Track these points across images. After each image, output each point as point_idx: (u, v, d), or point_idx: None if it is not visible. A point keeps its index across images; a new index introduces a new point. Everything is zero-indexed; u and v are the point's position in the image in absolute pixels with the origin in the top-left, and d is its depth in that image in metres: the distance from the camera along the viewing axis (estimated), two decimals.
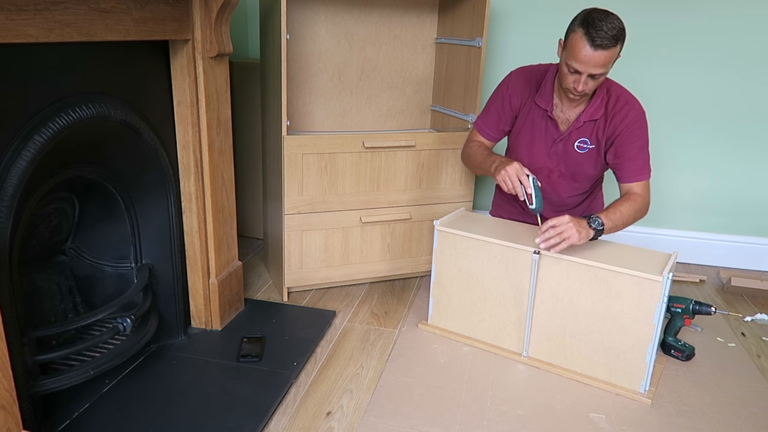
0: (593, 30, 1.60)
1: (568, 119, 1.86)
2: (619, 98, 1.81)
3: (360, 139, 2.13)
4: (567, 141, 1.87)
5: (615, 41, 1.61)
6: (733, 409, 1.66)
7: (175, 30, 1.60)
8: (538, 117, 1.89)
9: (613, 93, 1.82)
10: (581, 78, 1.68)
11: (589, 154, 1.87)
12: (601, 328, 1.70)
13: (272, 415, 1.57)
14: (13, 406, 1.21)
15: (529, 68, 1.94)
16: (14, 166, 1.20)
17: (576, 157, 1.89)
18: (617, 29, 1.61)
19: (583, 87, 1.69)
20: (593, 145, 1.85)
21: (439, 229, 1.92)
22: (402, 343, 1.95)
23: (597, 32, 1.59)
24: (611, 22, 1.61)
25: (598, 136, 1.84)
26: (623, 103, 1.80)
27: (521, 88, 1.91)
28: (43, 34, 1.16)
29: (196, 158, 1.79)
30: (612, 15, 1.63)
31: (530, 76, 1.91)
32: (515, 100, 1.92)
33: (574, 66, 1.67)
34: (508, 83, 1.95)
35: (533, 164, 1.93)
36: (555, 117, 1.86)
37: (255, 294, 2.27)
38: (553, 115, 1.86)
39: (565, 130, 1.87)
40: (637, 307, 1.63)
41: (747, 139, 2.54)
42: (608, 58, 1.64)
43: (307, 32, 2.34)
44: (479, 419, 1.58)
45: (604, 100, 1.81)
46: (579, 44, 1.63)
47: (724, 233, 2.68)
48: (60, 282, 1.65)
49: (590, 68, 1.65)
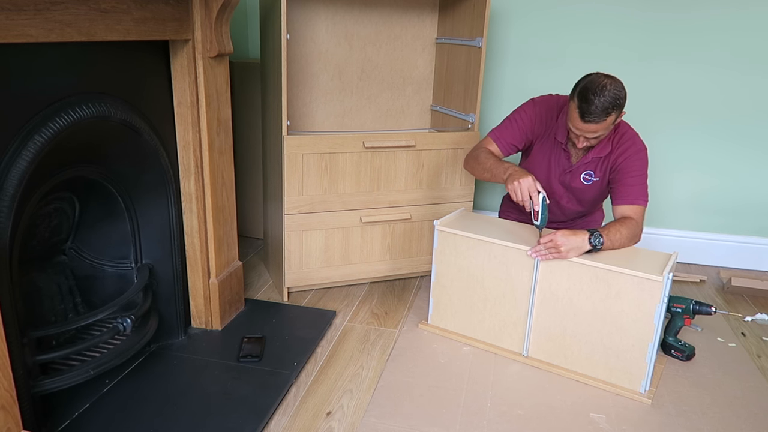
0: (584, 105, 1.69)
1: (578, 154, 1.97)
2: (624, 135, 1.90)
3: (360, 139, 2.13)
4: (575, 173, 1.98)
5: (606, 114, 1.69)
6: (733, 409, 1.66)
7: (175, 30, 1.60)
8: (554, 146, 1.99)
9: (620, 130, 1.91)
10: (580, 139, 1.81)
11: (592, 186, 1.98)
12: (601, 328, 1.70)
13: (272, 415, 1.57)
14: (13, 406, 1.21)
15: (553, 99, 2.01)
16: (14, 166, 1.20)
17: (581, 188, 2.00)
18: (609, 101, 1.67)
19: (583, 144, 1.82)
20: (597, 177, 1.96)
21: (439, 229, 1.92)
22: (402, 343, 1.95)
23: (588, 108, 1.68)
24: (604, 96, 1.67)
25: (603, 169, 1.94)
26: (627, 139, 1.89)
27: (545, 117, 1.99)
28: (43, 34, 1.16)
29: (197, 158, 1.79)
30: (608, 86, 1.67)
31: (553, 107, 1.99)
32: (537, 127, 2.00)
33: (571, 129, 1.80)
34: (535, 109, 2.00)
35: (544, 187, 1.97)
36: (569, 150, 1.97)
37: (255, 294, 2.27)
38: (567, 148, 1.96)
39: (575, 162, 1.97)
40: (637, 307, 1.63)
41: (747, 138, 2.54)
42: (601, 128, 1.74)
43: (308, 32, 2.34)
44: (479, 419, 1.58)
45: (611, 138, 1.90)
46: (573, 114, 1.75)
47: (724, 233, 2.68)
48: (60, 282, 1.65)
49: (587, 133, 1.77)
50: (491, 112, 2.72)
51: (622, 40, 2.52)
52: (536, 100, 2.02)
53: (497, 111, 2.70)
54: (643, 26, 2.48)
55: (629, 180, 1.86)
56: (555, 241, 1.68)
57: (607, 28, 2.52)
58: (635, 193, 1.85)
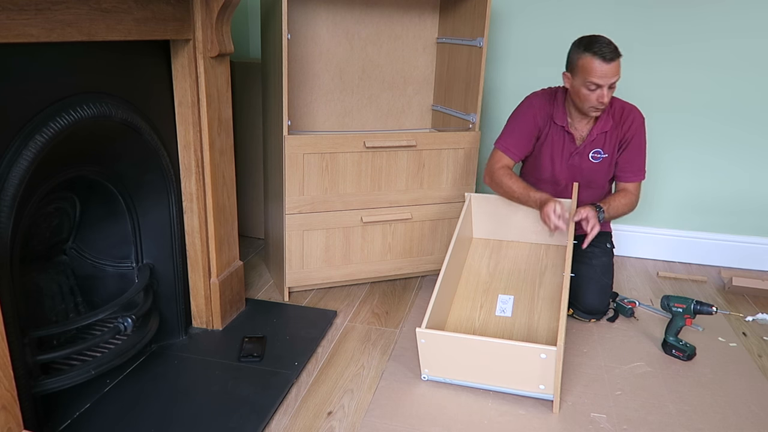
0: (599, 49, 1.84)
1: (582, 135, 2.08)
2: (624, 108, 2.05)
3: (361, 139, 2.13)
4: (582, 153, 2.08)
5: (618, 52, 1.86)
6: (734, 408, 1.66)
7: (176, 30, 1.60)
8: (557, 133, 2.09)
9: (615, 104, 2.06)
10: (604, 91, 1.88)
11: (602, 163, 2.08)
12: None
13: (273, 415, 1.57)
14: (15, 406, 1.21)
15: (544, 91, 2.14)
16: (15, 166, 1.20)
17: (590, 167, 2.09)
18: (613, 43, 1.86)
19: (607, 98, 1.90)
20: (606, 154, 2.07)
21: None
22: (403, 342, 1.95)
23: (603, 49, 1.84)
24: (606, 39, 1.87)
25: (610, 144, 2.06)
26: (628, 111, 2.05)
27: (542, 108, 2.10)
28: (44, 33, 1.16)
29: (197, 158, 1.79)
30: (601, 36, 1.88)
31: (547, 97, 2.11)
32: (539, 119, 2.10)
33: (596, 82, 1.87)
34: (531, 104, 2.11)
35: (555, 178, 2.14)
36: (572, 132, 2.07)
37: (256, 294, 2.27)
38: (570, 130, 2.07)
39: (581, 144, 2.07)
40: None
41: (748, 138, 2.54)
42: (619, 67, 1.87)
43: (308, 32, 2.34)
44: (480, 419, 1.58)
45: (609, 113, 2.04)
46: (593, 64, 1.85)
47: (725, 233, 2.67)
48: (61, 282, 1.65)
49: (610, 79, 1.86)
50: (492, 111, 2.72)
51: (623, 40, 2.51)
52: (530, 96, 2.13)
53: (498, 111, 2.70)
54: (643, 26, 2.48)
55: (632, 155, 2.05)
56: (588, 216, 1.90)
57: (608, 28, 2.51)
58: (636, 169, 2.07)
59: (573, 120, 2.06)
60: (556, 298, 1.92)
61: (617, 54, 1.85)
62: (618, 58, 1.85)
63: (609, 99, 1.91)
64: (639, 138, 2.04)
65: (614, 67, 1.85)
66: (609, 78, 1.86)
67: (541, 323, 1.84)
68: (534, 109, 2.08)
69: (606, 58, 1.83)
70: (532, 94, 2.13)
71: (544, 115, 2.08)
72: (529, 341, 1.57)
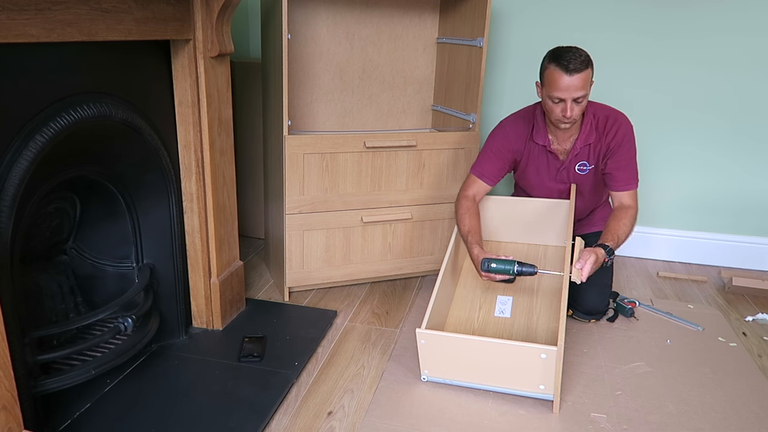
0: (564, 60, 1.76)
1: (565, 149, 2.01)
2: (608, 118, 1.96)
3: (361, 139, 2.13)
4: (569, 167, 2.03)
5: (585, 65, 1.77)
6: (734, 408, 1.66)
7: (176, 30, 1.60)
8: (539, 153, 2.04)
9: (600, 115, 1.97)
10: (567, 105, 1.80)
11: (588, 174, 2.03)
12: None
13: (273, 415, 1.57)
14: (15, 406, 1.21)
15: (518, 113, 2.08)
16: (15, 166, 1.20)
17: (579, 177, 2.05)
18: (584, 55, 1.78)
19: (570, 112, 1.81)
20: (592, 165, 2.01)
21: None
22: (403, 342, 1.95)
23: (568, 61, 1.75)
24: (577, 51, 1.78)
25: (594, 156, 1.99)
26: (612, 122, 1.95)
27: (517, 132, 2.04)
28: (44, 33, 1.16)
29: (198, 158, 1.79)
30: (575, 47, 1.80)
31: (522, 120, 2.05)
32: (514, 144, 2.05)
33: (557, 96, 1.80)
34: (504, 131, 2.07)
35: (545, 194, 2.11)
36: (554, 150, 2.01)
37: (256, 294, 2.27)
38: (552, 149, 2.01)
39: (565, 159, 2.02)
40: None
41: (748, 138, 2.54)
42: (584, 81, 1.78)
43: (309, 32, 2.34)
44: (480, 419, 1.58)
45: (593, 124, 1.96)
46: (555, 75, 1.78)
47: (725, 233, 2.67)
48: (61, 282, 1.65)
49: (572, 93, 1.78)
50: (492, 112, 2.72)
51: (624, 40, 2.52)
52: (503, 121, 2.09)
53: (498, 111, 2.70)
54: (644, 26, 2.48)
55: (621, 164, 1.94)
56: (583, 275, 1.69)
57: (609, 28, 2.51)
58: (628, 177, 1.96)
59: (555, 136, 1.99)
60: (555, 298, 1.92)
61: (584, 66, 1.75)
62: (583, 71, 1.75)
63: (577, 113, 1.82)
64: (627, 146, 1.93)
65: (577, 80, 1.75)
66: (571, 92, 1.76)
67: (540, 324, 1.85)
68: (508, 135, 2.03)
69: (568, 69, 1.74)
70: (507, 120, 2.08)
71: (519, 138, 2.02)
72: (528, 342, 1.57)
